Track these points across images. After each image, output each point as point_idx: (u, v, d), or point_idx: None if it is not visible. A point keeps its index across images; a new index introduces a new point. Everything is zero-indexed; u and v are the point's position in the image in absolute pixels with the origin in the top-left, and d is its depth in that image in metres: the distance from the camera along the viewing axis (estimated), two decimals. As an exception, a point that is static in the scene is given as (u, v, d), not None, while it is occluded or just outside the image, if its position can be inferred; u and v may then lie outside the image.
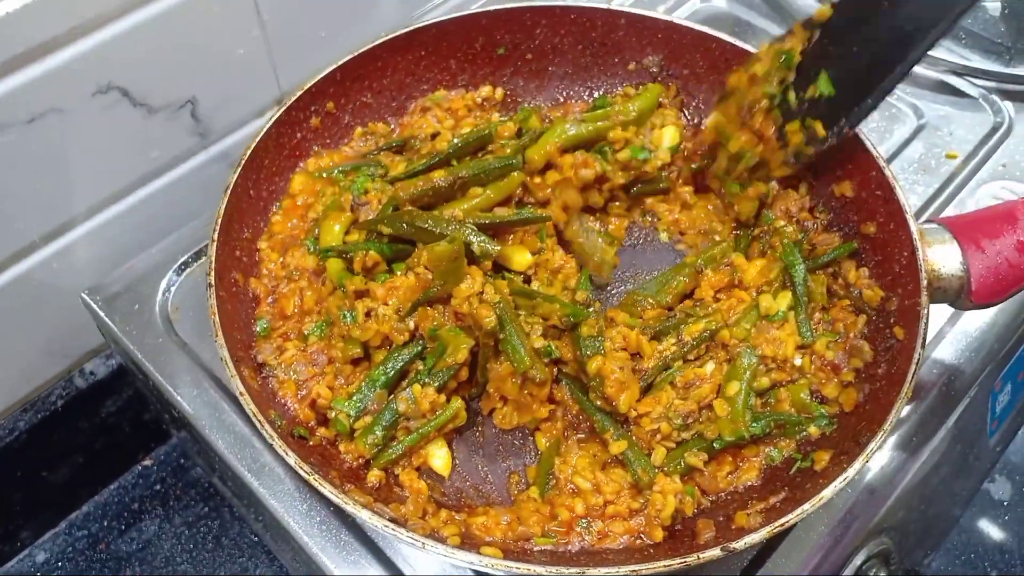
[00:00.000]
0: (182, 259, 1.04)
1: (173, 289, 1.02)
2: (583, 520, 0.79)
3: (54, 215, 1.02)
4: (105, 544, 1.18)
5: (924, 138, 1.17)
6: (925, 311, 0.79)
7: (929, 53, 1.21)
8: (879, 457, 0.89)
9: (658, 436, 0.81)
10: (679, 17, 1.06)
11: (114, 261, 1.04)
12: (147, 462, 1.25)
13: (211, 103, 1.09)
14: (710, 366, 0.84)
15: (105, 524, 1.19)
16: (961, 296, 0.82)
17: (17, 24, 0.86)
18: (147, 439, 1.24)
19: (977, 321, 0.99)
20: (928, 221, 0.86)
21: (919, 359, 0.77)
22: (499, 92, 1.10)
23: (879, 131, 1.17)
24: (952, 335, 0.98)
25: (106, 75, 0.96)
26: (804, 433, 0.82)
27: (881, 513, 0.87)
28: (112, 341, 1.02)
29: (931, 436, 0.93)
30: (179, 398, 0.92)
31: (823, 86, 0.85)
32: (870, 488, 0.87)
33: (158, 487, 1.23)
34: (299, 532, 0.84)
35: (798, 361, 0.84)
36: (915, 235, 0.82)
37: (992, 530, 1.30)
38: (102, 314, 0.99)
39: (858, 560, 0.87)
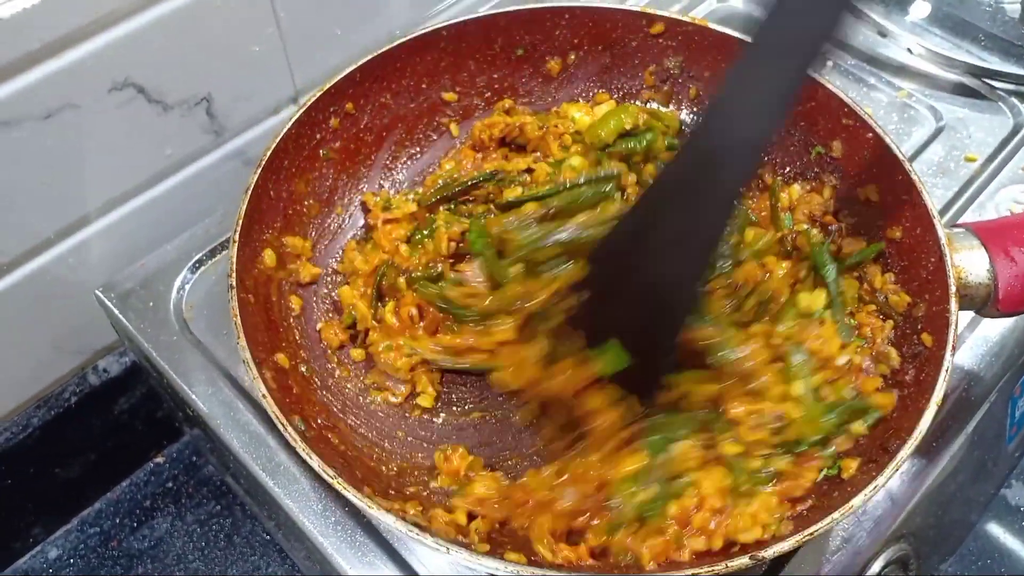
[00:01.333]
0: (197, 257, 1.03)
1: (188, 287, 1.01)
2: None
3: (68, 211, 1.01)
4: (117, 541, 1.17)
5: (943, 140, 1.16)
6: (954, 318, 0.78)
7: (947, 54, 1.23)
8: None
9: (761, 446, 0.77)
10: (698, 18, 1.06)
11: (128, 258, 1.04)
12: (159, 460, 1.25)
13: (226, 100, 1.08)
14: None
15: (117, 521, 1.19)
16: (987, 304, 0.81)
17: (35, 20, 0.85)
18: (159, 437, 1.24)
19: (997, 326, 0.98)
20: (955, 226, 0.85)
21: (949, 366, 0.76)
22: None
23: (897, 133, 1.16)
24: (972, 340, 0.97)
25: (122, 71, 0.96)
26: (846, 432, 0.79)
27: (900, 519, 0.87)
28: (126, 338, 1.02)
29: (951, 442, 0.92)
30: (193, 396, 0.92)
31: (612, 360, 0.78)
32: (890, 494, 0.86)
33: (170, 485, 1.22)
34: (314, 532, 0.83)
35: (842, 360, 0.81)
36: (943, 240, 0.81)
37: (1008, 536, 1.29)
38: (116, 311, 0.99)
39: (876, 566, 0.86)
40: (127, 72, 0.96)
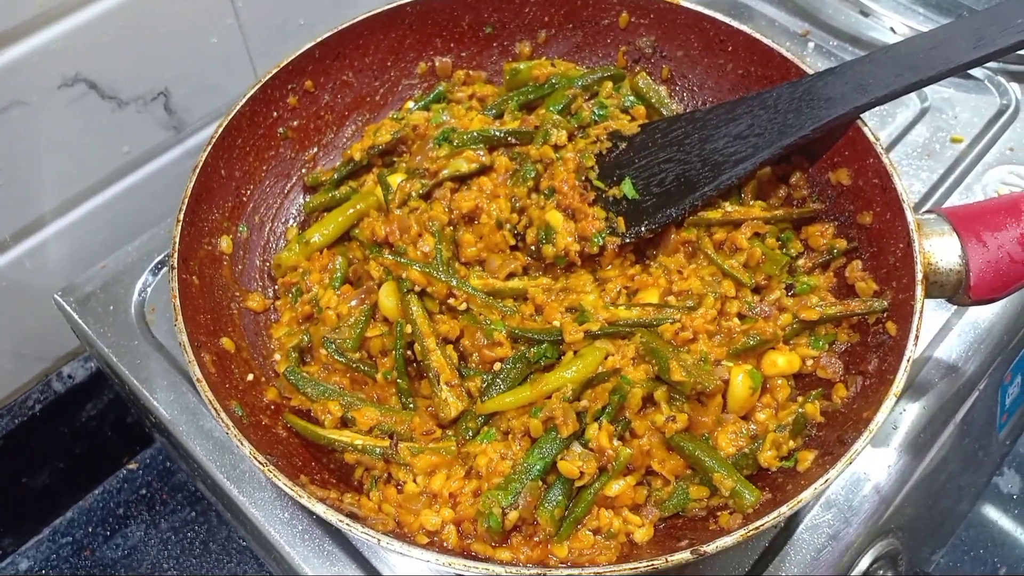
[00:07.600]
0: (158, 258, 1.00)
1: (149, 289, 0.98)
2: None
3: (23, 213, 0.98)
4: (90, 551, 1.15)
5: (928, 122, 1.13)
6: (919, 306, 0.74)
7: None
8: (885, 455, 0.86)
9: None
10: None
11: (87, 261, 1.01)
12: (132, 466, 1.22)
13: (185, 95, 1.05)
14: None
15: (89, 530, 1.16)
16: (959, 292, 0.77)
17: (-25, 14, 0.82)
18: (131, 442, 1.22)
19: (985, 312, 0.95)
20: (927, 211, 0.81)
21: (911, 357, 0.72)
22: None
23: (881, 115, 1.13)
24: (960, 327, 0.94)
25: (72, 66, 0.92)
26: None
27: (888, 513, 0.84)
28: (87, 344, 0.98)
29: (939, 432, 0.89)
30: (155, 403, 0.89)
31: (626, 189, 0.89)
32: (877, 487, 0.84)
33: (143, 491, 1.20)
34: (280, 540, 0.81)
35: None
36: (912, 225, 0.77)
37: (1001, 524, 1.27)
38: (75, 316, 0.96)
39: (864, 563, 0.83)
40: (77, 67, 0.93)
